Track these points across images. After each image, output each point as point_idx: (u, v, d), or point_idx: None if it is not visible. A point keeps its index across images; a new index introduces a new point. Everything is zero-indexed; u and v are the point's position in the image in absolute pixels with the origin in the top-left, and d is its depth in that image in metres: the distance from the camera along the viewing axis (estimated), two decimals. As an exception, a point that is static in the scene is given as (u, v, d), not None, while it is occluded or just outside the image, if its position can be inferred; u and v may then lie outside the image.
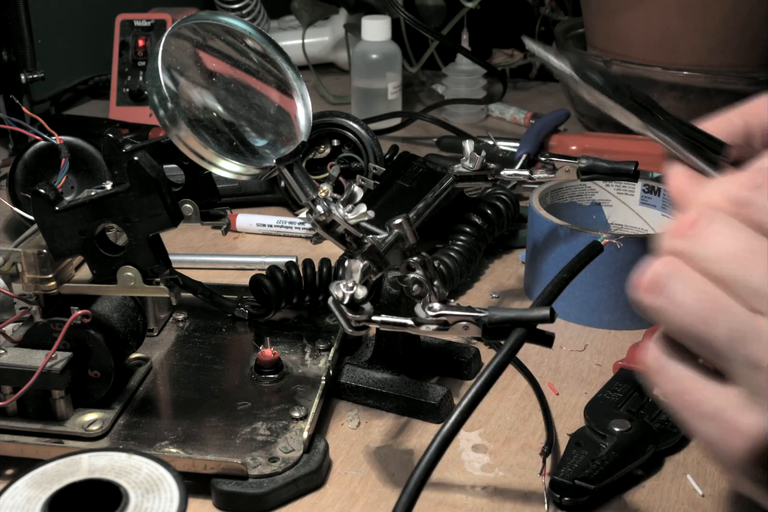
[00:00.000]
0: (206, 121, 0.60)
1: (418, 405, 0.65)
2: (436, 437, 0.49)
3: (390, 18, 1.20)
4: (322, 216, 0.61)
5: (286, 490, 0.57)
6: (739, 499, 0.58)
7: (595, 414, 0.63)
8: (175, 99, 0.58)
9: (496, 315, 0.53)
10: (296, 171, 0.62)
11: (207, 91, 0.61)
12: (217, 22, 0.63)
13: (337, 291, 0.55)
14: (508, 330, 0.52)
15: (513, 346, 0.51)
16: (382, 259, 0.60)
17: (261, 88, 0.64)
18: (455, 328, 0.54)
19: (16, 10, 1.04)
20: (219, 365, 0.68)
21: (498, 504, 0.58)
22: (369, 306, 0.55)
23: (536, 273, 0.80)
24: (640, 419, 0.63)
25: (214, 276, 0.85)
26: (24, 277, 0.59)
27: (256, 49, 0.65)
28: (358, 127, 0.94)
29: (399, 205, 0.84)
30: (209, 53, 0.63)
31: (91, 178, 0.88)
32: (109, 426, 0.60)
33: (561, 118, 1.14)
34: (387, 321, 0.55)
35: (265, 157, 0.62)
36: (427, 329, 0.55)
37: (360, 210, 0.61)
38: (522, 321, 0.52)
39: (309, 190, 0.62)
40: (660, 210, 0.83)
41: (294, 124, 0.65)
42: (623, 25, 1.10)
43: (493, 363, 0.50)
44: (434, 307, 0.54)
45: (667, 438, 0.62)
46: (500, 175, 0.75)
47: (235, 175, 0.61)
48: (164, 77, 0.57)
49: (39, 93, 1.24)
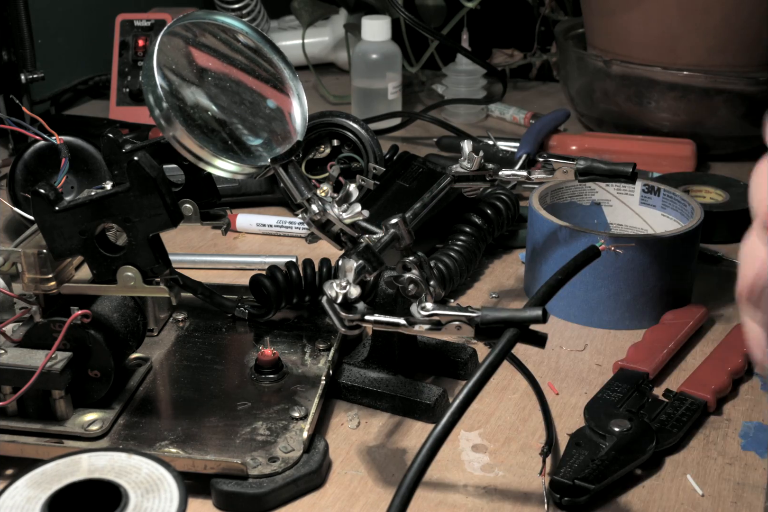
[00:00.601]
0: (201, 120, 0.60)
1: (414, 404, 0.65)
2: (429, 438, 0.49)
3: (390, 18, 1.20)
4: (317, 215, 0.62)
5: (286, 490, 0.57)
6: (739, 499, 0.58)
7: (594, 414, 0.63)
8: (170, 98, 0.58)
9: (488, 315, 0.53)
10: (291, 170, 0.63)
11: (202, 90, 0.61)
12: (213, 21, 0.63)
13: (330, 290, 0.55)
14: (501, 331, 0.52)
15: (505, 347, 0.51)
16: (377, 259, 0.60)
17: (257, 87, 0.64)
18: (448, 328, 0.54)
19: (16, 10, 1.04)
20: (219, 365, 0.68)
21: (498, 504, 0.58)
22: (362, 306, 0.55)
23: (536, 274, 0.80)
24: (639, 419, 0.63)
25: (214, 276, 0.85)
26: (24, 277, 0.59)
27: (252, 48, 0.65)
28: (358, 127, 0.94)
29: (399, 205, 0.84)
30: (205, 52, 0.63)
31: (91, 178, 0.88)
32: (109, 426, 0.60)
33: (561, 118, 1.14)
34: (380, 321, 0.55)
35: (261, 156, 0.62)
36: (420, 329, 0.55)
37: (355, 209, 0.61)
38: (514, 321, 0.52)
39: (304, 189, 0.62)
40: (660, 210, 0.83)
41: (289, 123, 0.65)
42: (623, 25, 1.10)
43: (485, 363, 0.50)
44: (427, 307, 0.54)
45: (667, 438, 0.62)
46: (498, 175, 0.75)
47: (231, 174, 0.61)
48: (159, 76, 0.57)
49: (39, 93, 1.24)
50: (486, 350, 0.73)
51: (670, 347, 0.72)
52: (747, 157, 1.10)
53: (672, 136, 1.09)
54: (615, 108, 1.14)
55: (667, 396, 0.67)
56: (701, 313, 0.76)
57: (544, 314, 0.51)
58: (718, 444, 0.63)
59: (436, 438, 0.49)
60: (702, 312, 0.77)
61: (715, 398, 0.66)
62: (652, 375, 0.69)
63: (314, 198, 0.62)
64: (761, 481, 0.59)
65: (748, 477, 0.60)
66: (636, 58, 1.10)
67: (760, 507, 0.57)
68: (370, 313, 0.55)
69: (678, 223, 0.81)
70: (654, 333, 0.74)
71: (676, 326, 0.74)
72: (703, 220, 0.77)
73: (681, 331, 0.74)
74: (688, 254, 0.77)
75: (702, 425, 0.65)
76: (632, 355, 0.71)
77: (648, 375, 0.68)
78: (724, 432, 0.64)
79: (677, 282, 0.77)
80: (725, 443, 0.63)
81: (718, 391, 0.66)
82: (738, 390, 0.69)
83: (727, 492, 0.59)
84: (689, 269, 0.78)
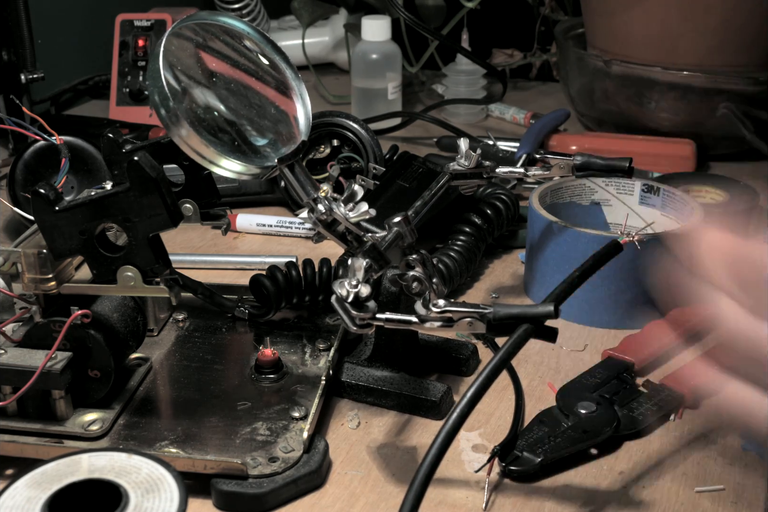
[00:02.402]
0: (207, 121, 0.60)
1: (419, 402, 0.65)
2: (441, 430, 0.49)
3: (390, 18, 1.20)
4: (324, 215, 0.62)
5: (286, 490, 0.57)
6: (739, 500, 0.58)
7: (565, 396, 0.65)
8: (177, 98, 0.58)
9: (501, 311, 0.53)
10: (297, 170, 0.63)
11: (208, 90, 0.61)
12: (216, 22, 0.63)
13: (341, 289, 0.55)
14: (512, 327, 0.52)
15: (517, 341, 0.52)
16: (383, 257, 0.60)
17: (260, 88, 0.64)
18: (460, 325, 0.54)
19: (16, 10, 1.04)
20: (219, 365, 0.68)
21: (498, 504, 0.58)
22: (373, 304, 0.55)
23: (535, 273, 0.80)
24: (608, 404, 0.64)
25: (214, 276, 0.85)
26: (24, 277, 0.59)
27: (255, 50, 0.65)
28: (358, 127, 0.94)
29: (399, 205, 0.84)
30: (209, 53, 0.63)
31: (91, 178, 0.88)
32: (109, 426, 0.60)
33: (560, 118, 1.14)
34: (392, 319, 0.55)
35: (266, 157, 0.62)
36: (431, 326, 0.55)
37: (361, 208, 0.61)
38: (526, 317, 0.52)
39: (310, 189, 0.63)
40: (660, 209, 0.83)
41: (293, 123, 0.65)
42: (623, 25, 1.10)
43: (497, 357, 0.51)
44: (439, 304, 0.55)
45: (631, 424, 0.63)
46: (495, 172, 0.75)
47: (236, 175, 0.61)
48: (166, 76, 0.57)
49: (39, 93, 1.24)
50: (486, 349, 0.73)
51: (663, 341, 0.72)
52: (747, 157, 1.10)
53: (672, 136, 1.09)
54: (615, 108, 1.14)
55: (645, 386, 0.68)
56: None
57: (556, 309, 0.52)
58: (718, 444, 0.63)
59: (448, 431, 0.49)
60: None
61: (694, 393, 0.66)
62: (639, 367, 0.70)
63: (320, 197, 0.62)
64: (761, 481, 0.59)
65: (748, 477, 0.60)
66: (636, 58, 1.10)
67: (760, 507, 0.57)
68: (381, 312, 0.55)
69: (678, 223, 0.81)
70: (653, 326, 0.74)
71: (678, 322, 0.75)
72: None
73: (681, 327, 0.74)
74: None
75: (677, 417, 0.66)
76: (623, 345, 0.72)
77: (633, 366, 0.69)
78: (724, 432, 0.64)
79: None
80: (725, 443, 0.63)
81: (698, 388, 0.66)
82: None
83: (727, 492, 0.59)
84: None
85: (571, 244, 0.75)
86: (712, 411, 0.64)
